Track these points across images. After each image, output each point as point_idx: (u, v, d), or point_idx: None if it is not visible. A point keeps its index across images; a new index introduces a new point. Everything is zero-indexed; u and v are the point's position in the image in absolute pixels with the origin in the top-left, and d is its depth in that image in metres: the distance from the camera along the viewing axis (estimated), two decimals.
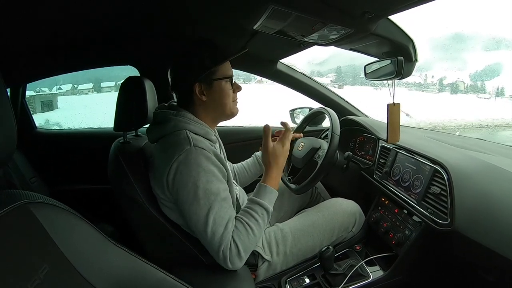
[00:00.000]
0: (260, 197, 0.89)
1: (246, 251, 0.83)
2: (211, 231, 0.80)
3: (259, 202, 0.87)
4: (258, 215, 0.86)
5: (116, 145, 1.00)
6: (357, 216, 1.16)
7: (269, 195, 0.90)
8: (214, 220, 0.80)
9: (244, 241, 0.82)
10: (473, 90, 10.45)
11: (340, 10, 0.77)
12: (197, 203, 0.80)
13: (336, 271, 1.00)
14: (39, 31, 0.92)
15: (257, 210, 0.86)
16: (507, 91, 10.23)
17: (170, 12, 0.91)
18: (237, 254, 0.81)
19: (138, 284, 0.54)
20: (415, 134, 1.38)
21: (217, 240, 0.80)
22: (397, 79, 1.04)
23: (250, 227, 0.83)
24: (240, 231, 0.83)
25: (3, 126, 0.41)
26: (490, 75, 14.19)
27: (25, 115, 1.67)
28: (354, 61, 14.94)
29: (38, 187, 1.54)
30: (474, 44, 20.46)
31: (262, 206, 0.87)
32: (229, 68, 0.94)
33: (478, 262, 0.85)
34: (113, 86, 6.10)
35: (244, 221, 0.84)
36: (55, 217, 0.48)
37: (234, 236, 0.82)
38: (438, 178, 0.93)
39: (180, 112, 0.89)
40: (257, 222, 0.85)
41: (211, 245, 0.81)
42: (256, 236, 0.84)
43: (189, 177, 0.80)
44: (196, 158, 0.81)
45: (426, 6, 0.71)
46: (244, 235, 0.82)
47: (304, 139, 1.23)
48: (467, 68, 16.30)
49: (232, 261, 0.81)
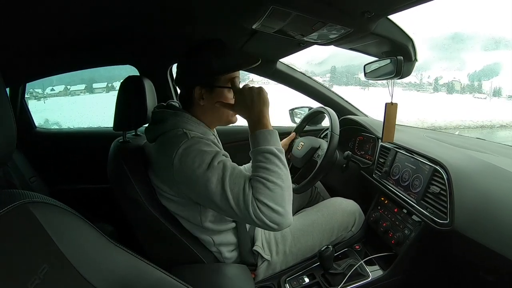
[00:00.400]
0: (257, 145, 0.80)
1: (279, 203, 0.74)
2: (235, 202, 0.74)
3: (258, 150, 0.79)
4: (265, 163, 0.77)
5: (116, 144, 1.00)
6: (357, 215, 1.17)
7: (264, 136, 0.80)
8: (231, 189, 0.74)
9: (268, 194, 0.74)
10: (469, 90, 10.45)
11: (339, 9, 0.77)
12: (209, 182, 0.75)
13: (335, 270, 1.00)
14: (39, 31, 0.91)
15: (260, 159, 0.78)
16: (504, 91, 10.21)
17: (170, 12, 0.91)
18: (271, 210, 0.73)
19: (138, 283, 0.54)
20: (414, 133, 1.38)
21: (244, 207, 0.73)
22: (396, 79, 1.04)
23: (264, 179, 0.75)
24: (257, 187, 0.74)
25: (2, 125, 0.41)
26: (489, 75, 14.18)
27: (25, 114, 1.67)
28: (353, 61, 14.93)
29: (37, 186, 1.54)
30: (473, 44, 20.50)
31: (263, 151, 0.78)
32: (236, 77, 0.90)
33: (478, 261, 0.85)
34: (105, 87, 6.10)
35: (256, 176, 0.76)
36: (54, 216, 0.48)
37: (255, 195, 0.74)
38: (437, 178, 0.93)
39: (178, 112, 0.89)
40: (267, 170, 0.76)
41: (243, 216, 0.74)
42: (277, 184, 0.75)
43: (193, 162, 0.77)
44: (196, 145, 0.79)
45: (425, 5, 0.71)
46: (263, 189, 0.74)
47: (303, 138, 1.23)
48: (466, 68, 16.33)
49: (272, 219, 0.73)
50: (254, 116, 0.82)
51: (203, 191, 0.77)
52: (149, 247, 0.94)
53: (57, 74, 1.57)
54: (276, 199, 0.74)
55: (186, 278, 0.60)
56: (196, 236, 0.93)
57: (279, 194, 0.75)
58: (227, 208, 0.76)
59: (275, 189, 0.74)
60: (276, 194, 0.74)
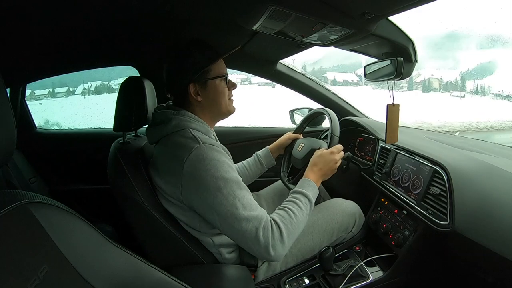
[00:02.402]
0: (304, 188, 0.91)
1: (290, 237, 0.80)
2: (244, 217, 0.77)
3: (303, 192, 0.89)
4: (302, 204, 0.87)
5: (116, 145, 1.00)
6: (357, 216, 1.16)
7: (312, 189, 0.92)
8: (243, 205, 0.78)
9: (287, 225, 0.80)
10: (451, 88, 10.32)
11: (340, 11, 0.77)
12: (221, 194, 0.77)
13: (335, 271, 1.00)
14: (39, 31, 0.92)
15: (301, 199, 0.88)
16: (493, 90, 10.08)
17: (170, 13, 0.91)
18: (280, 238, 0.78)
19: (137, 284, 0.54)
20: (414, 134, 1.38)
21: (253, 223, 0.77)
22: (396, 80, 1.04)
23: (293, 213, 0.83)
24: (282, 216, 0.82)
25: (2, 126, 0.41)
26: (482, 74, 14.10)
27: (25, 115, 1.67)
28: (345, 61, 15.03)
29: (37, 187, 1.54)
30: (468, 43, 20.46)
31: (306, 196, 0.89)
32: (223, 67, 0.94)
33: (478, 262, 0.85)
34: (65, 91, 6.09)
35: (287, 208, 0.84)
36: (54, 217, 0.48)
37: (277, 219, 0.80)
38: (437, 179, 0.93)
39: (181, 111, 0.89)
40: (300, 209, 0.85)
41: (248, 231, 0.77)
42: (299, 224, 0.84)
43: (206, 172, 0.78)
44: (208, 153, 0.80)
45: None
46: (287, 220, 0.81)
47: (303, 139, 1.23)
48: (460, 66, 16.28)
49: (275, 246, 0.77)
50: (315, 173, 0.96)
51: (210, 201, 0.78)
52: (149, 247, 0.93)
53: (58, 74, 1.57)
54: (291, 233, 0.81)
55: (185, 279, 0.60)
56: (196, 237, 0.93)
57: (295, 231, 0.83)
58: (231, 221, 0.78)
59: (295, 225, 0.82)
60: (294, 230, 0.82)
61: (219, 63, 0.92)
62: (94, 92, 7.48)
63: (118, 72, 5.38)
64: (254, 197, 1.27)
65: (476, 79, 11.84)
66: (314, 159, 0.99)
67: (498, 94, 11.22)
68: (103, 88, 7.56)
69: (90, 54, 1.36)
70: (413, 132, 1.45)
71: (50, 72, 1.53)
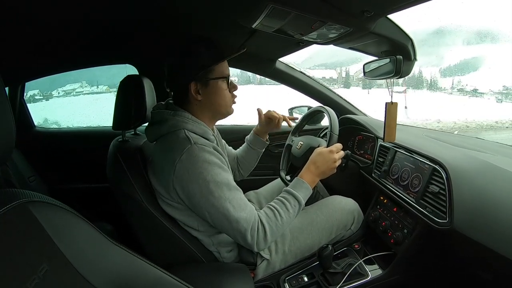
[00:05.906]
0: (296, 189, 0.92)
1: (273, 236, 0.86)
2: (235, 218, 0.81)
3: (293, 194, 0.91)
4: (291, 206, 0.89)
5: (115, 144, 1.00)
6: (356, 214, 1.16)
7: (305, 190, 0.93)
8: (234, 206, 0.82)
9: (272, 226, 0.85)
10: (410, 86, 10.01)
11: (339, 9, 0.76)
12: (212, 196, 0.81)
13: (334, 269, 1.00)
14: (38, 30, 0.91)
15: (290, 200, 0.90)
16: (471, 87, 9.64)
17: (170, 11, 0.91)
18: (264, 237, 0.84)
19: (137, 282, 0.54)
20: (414, 133, 1.38)
21: (243, 224, 0.82)
22: (396, 78, 1.04)
23: (280, 214, 0.87)
24: (269, 216, 0.86)
25: (1, 124, 0.41)
26: (464, 70, 13.85)
27: (24, 114, 1.67)
28: (331, 59, 15.14)
29: (36, 186, 1.54)
30: (454, 38, 20.10)
31: (295, 198, 0.90)
32: (226, 68, 0.93)
33: (476, 260, 0.85)
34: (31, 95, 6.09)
35: (275, 208, 0.87)
36: (54, 216, 0.48)
37: (263, 220, 0.85)
38: (436, 177, 0.94)
39: (178, 112, 0.89)
40: (287, 211, 0.88)
41: (237, 231, 0.83)
42: (284, 225, 0.87)
43: (197, 174, 0.80)
44: (199, 154, 0.81)
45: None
46: (273, 221, 0.86)
47: (302, 137, 1.23)
48: (443, 63, 16.04)
49: (259, 244, 0.84)
50: (312, 172, 0.96)
51: (201, 203, 0.82)
52: (149, 246, 0.94)
53: (56, 73, 1.57)
54: (274, 233, 0.86)
55: (185, 277, 0.60)
56: (195, 236, 0.93)
57: (279, 231, 0.87)
58: (222, 222, 0.83)
59: (279, 226, 0.86)
60: (277, 230, 0.87)
61: (222, 63, 0.91)
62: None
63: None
64: (253, 195, 1.28)
65: (454, 76, 11.68)
66: (313, 157, 0.99)
67: (474, 90, 11.11)
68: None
69: (89, 53, 1.36)
70: (412, 131, 1.45)
71: (49, 70, 1.52)
